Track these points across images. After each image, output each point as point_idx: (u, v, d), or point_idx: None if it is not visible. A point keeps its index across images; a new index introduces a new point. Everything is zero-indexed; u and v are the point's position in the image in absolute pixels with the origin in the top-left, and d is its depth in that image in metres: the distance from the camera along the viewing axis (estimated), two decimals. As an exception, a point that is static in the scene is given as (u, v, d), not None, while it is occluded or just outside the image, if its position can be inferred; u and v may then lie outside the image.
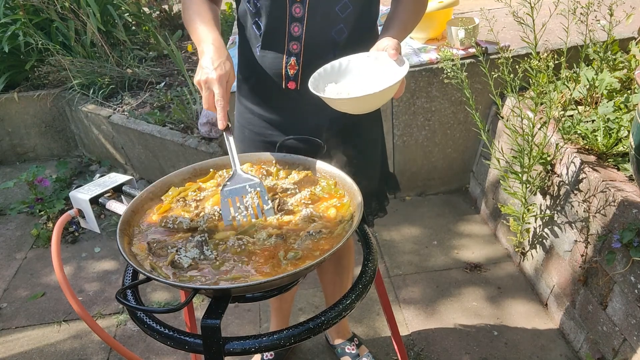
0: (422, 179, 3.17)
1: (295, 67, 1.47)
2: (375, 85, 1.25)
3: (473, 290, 2.51)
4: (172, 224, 1.23)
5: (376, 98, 1.22)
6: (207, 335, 1.03)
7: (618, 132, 2.14)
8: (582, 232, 2.08)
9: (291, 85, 1.50)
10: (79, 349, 2.39)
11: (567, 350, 2.16)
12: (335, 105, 1.28)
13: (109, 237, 3.07)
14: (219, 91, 1.25)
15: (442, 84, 2.83)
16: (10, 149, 4.03)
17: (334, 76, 1.35)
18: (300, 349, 2.28)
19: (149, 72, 3.79)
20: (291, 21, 1.41)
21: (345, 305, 1.12)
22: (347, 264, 2.00)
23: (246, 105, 1.63)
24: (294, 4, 1.39)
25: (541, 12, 1.97)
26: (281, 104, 1.55)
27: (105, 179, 1.46)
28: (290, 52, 1.45)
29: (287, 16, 1.41)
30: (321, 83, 1.33)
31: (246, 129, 1.65)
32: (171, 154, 3.19)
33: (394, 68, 1.29)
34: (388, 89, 1.20)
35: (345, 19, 1.42)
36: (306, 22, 1.41)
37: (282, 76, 1.49)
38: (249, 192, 1.24)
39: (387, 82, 1.23)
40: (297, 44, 1.44)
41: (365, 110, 1.30)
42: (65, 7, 3.55)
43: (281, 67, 1.48)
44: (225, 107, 1.26)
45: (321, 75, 1.34)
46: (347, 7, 1.41)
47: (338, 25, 1.43)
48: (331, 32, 1.44)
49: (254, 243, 1.17)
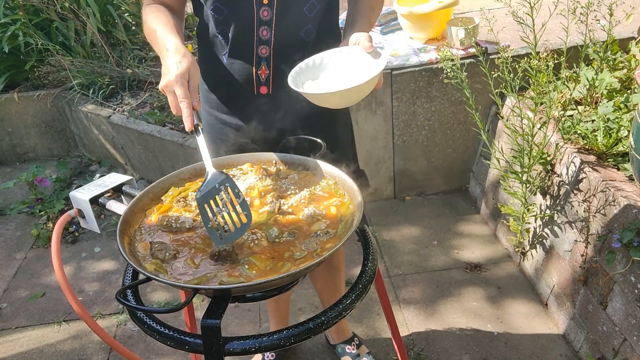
0: (422, 179, 3.17)
1: (266, 71, 1.46)
2: (354, 79, 1.25)
3: (473, 290, 2.51)
4: (174, 223, 1.23)
5: (359, 90, 1.22)
6: (207, 335, 1.03)
7: (618, 132, 2.14)
8: (582, 232, 2.08)
9: (263, 90, 1.48)
10: (79, 349, 2.39)
11: (567, 350, 2.16)
12: (317, 101, 1.28)
13: (109, 237, 3.07)
14: (180, 91, 1.17)
15: (442, 84, 2.83)
16: (10, 149, 4.03)
17: (312, 72, 1.35)
18: (301, 349, 2.28)
19: (149, 72, 3.78)
20: (259, 25, 1.40)
21: (345, 305, 1.12)
22: (337, 264, 1.99)
23: (216, 116, 1.59)
24: (261, 7, 1.37)
25: (541, 12, 1.97)
26: (252, 110, 1.53)
27: (105, 179, 1.46)
28: (259, 56, 1.44)
29: (255, 20, 1.39)
30: (299, 80, 1.33)
31: (218, 140, 1.62)
32: (171, 154, 3.19)
33: (371, 60, 1.30)
34: (370, 81, 1.21)
35: (312, 18, 1.42)
36: (275, 24, 1.40)
37: (254, 81, 1.47)
38: (221, 190, 1.16)
39: (367, 74, 1.23)
40: (266, 47, 1.43)
41: (348, 104, 1.31)
42: (65, 7, 3.55)
43: (252, 73, 1.46)
44: (189, 106, 1.17)
45: (298, 72, 1.33)
46: (314, 7, 1.41)
47: (307, 25, 1.43)
48: (300, 33, 1.44)
49: (266, 238, 1.17)
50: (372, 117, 2.91)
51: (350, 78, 1.29)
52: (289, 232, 1.19)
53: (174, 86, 1.18)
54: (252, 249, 1.14)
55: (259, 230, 1.19)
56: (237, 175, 1.40)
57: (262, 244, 1.16)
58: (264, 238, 1.17)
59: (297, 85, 1.29)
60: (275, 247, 1.16)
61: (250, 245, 1.15)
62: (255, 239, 1.16)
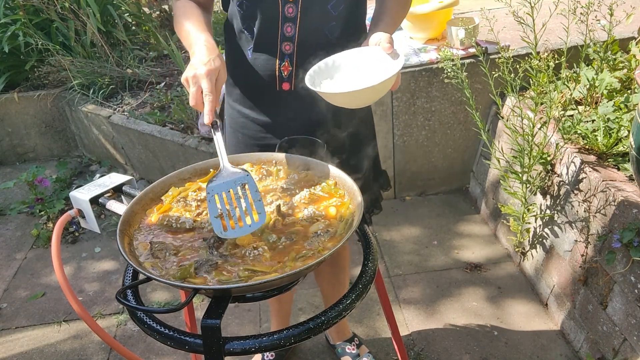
0: (422, 179, 3.17)
1: (289, 67, 1.46)
2: (371, 79, 1.25)
3: (473, 290, 2.51)
4: (175, 223, 1.23)
5: (373, 91, 1.22)
6: (207, 335, 1.03)
7: (618, 132, 2.14)
8: (582, 232, 2.08)
9: (285, 86, 1.49)
10: (79, 349, 2.39)
11: (567, 350, 2.16)
12: (333, 100, 1.28)
13: (109, 237, 3.07)
14: (207, 85, 1.19)
15: (442, 84, 2.83)
16: (10, 149, 4.03)
17: (330, 72, 1.35)
18: (301, 349, 2.28)
19: (149, 72, 3.79)
20: (284, 22, 1.41)
21: (345, 305, 1.12)
22: (344, 264, 2.00)
23: (239, 110, 1.61)
24: (286, 4, 1.38)
25: (541, 12, 1.97)
26: (275, 105, 1.54)
27: (105, 179, 1.46)
28: (283, 52, 1.45)
29: (280, 17, 1.40)
30: (317, 79, 1.33)
31: (239, 133, 1.63)
32: (171, 154, 3.19)
33: (389, 61, 1.30)
34: (385, 82, 1.21)
35: (337, 16, 1.43)
36: (299, 21, 1.41)
37: (276, 77, 1.48)
38: (237, 186, 1.16)
39: (383, 75, 1.23)
40: (289, 44, 1.44)
41: (363, 104, 1.31)
42: (65, 7, 3.55)
43: (274, 69, 1.47)
44: (213, 102, 1.19)
45: (316, 72, 1.34)
46: (339, 5, 1.41)
47: (330, 23, 1.43)
48: (324, 30, 1.44)
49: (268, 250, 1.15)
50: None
51: (366, 78, 1.29)
52: (286, 236, 1.18)
53: (202, 79, 1.19)
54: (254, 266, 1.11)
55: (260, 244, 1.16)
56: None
57: (266, 256, 1.13)
58: (266, 252, 1.14)
59: (314, 84, 1.30)
60: (279, 254, 1.15)
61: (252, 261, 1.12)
62: (258, 254, 1.13)
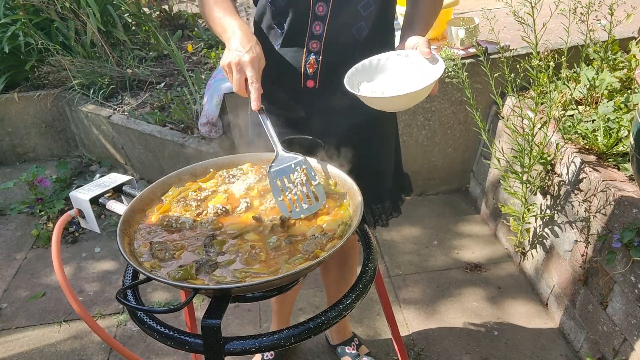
0: (422, 179, 3.17)
1: (314, 65, 1.47)
2: (411, 84, 1.25)
3: (473, 290, 2.51)
4: (175, 223, 1.23)
5: (414, 96, 1.23)
6: (208, 335, 1.03)
7: (618, 131, 2.14)
8: (582, 232, 2.08)
9: (310, 84, 1.50)
10: (79, 349, 2.39)
11: (567, 350, 2.16)
12: (371, 103, 1.28)
13: (109, 237, 3.07)
14: (252, 73, 1.24)
15: (442, 84, 2.83)
16: (10, 149, 4.03)
17: (368, 74, 1.36)
18: (301, 349, 2.28)
19: (149, 72, 3.79)
20: (313, 20, 1.41)
21: (345, 305, 1.12)
22: (353, 263, 2.00)
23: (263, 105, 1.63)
24: (317, 3, 1.39)
25: (542, 12, 1.97)
26: (298, 102, 1.55)
27: (106, 179, 1.46)
28: (309, 50, 1.45)
29: (310, 15, 1.41)
30: (355, 81, 1.34)
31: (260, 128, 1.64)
32: (171, 154, 3.19)
33: (427, 65, 1.29)
34: (426, 87, 1.21)
35: (366, 17, 1.43)
36: (328, 20, 1.41)
37: (301, 74, 1.49)
38: (296, 170, 1.26)
39: (424, 80, 1.23)
40: (317, 42, 1.44)
41: (401, 108, 1.32)
42: (65, 7, 3.55)
43: (300, 66, 1.47)
44: (259, 89, 1.25)
45: (354, 73, 1.34)
46: (369, 6, 1.41)
47: (359, 23, 1.43)
48: (352, 30, 1.44)
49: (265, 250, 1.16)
50: (372, 117, 2.91)
51: (406, 83, 1.29)
52: (285, 239, 1.18)
53: (247, 67, 1.24)
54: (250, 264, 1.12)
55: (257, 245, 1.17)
56: (237, 175, 1.40)
57: (261, 257, 1.14)
58: (263, 252, 1.15)
59: (352, 87, 1.30)
60: (274, 256, 1.15)
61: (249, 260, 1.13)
62: (255, 254, 1.14)
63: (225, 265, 1.11)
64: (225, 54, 1.27)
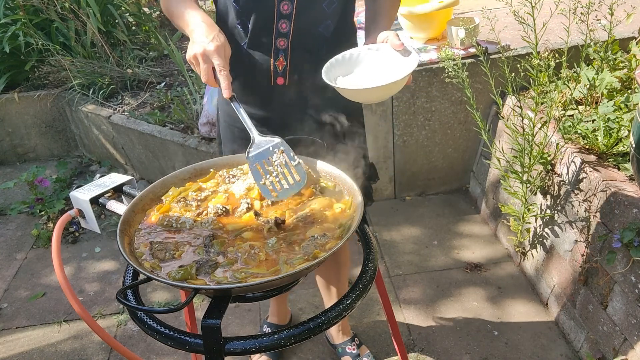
0: (422, 179, 3.17)
1: (283, 62, 1.48)
2: (388, 76, 1.28)
3: (473, 290, 2.51)
4: (175, 223, 1.23)
5: (391, 87, 1.26)
6: (208, 335, 1.03)
7: (618, 131, 2.14)
8: (582, 231, 2.08)
9: (280, 81, 1.51)
10: (79, 349, 2.39)
11: (567, 350, 2.16)
12: (349, 96, 1.31)
13: (109, 237, 3.07)
14: (219, 62, 1.23)
15: (442, 84, 2.83)
16: (10, 149, 4.03)
17: (344, 68, 1.38)
18: (301, 349, 2.28)
19: (149, 72, 3.79)
20: (279, 18, 1.42)
21: (345, 305, 1.12)
22: (344, 260, 2.02)
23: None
24: (282, 1, 1.40)
25: (542, 12, 1.97)
26: (269, 99, 1.56)
27: (106, 179, 1.46)
28: (277, 48, 1.46)
29: (275, 14, 1.42)
30: (331, 74, 1.36)
31: (235, 127, 1.65)
32: (171, 154, 3.19)
33: (401, 58, 1.33)
34: (402, 79, 1.24)
35: (331, 14, 1.45)
36: (294, 19, 1.42)
37: (271, 72, 1.50)
38: (274, 153, 1.26)
39: (400, 72, 1.27)
40: (284, 40, 1.45)
41: (378, 100, 1.35)
42: (65, 7, 3.55)
43: (269, 64, 1.49)
44: (228, 77, 1.24)
45: (329, 67, 1.36)
46: (332, 3, 1.44)
47: (326, 21, 1.46)
48: (318, 27, 1.46)
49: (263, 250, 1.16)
50: (372, 117, 2.91)
51: (382, 75, 1.32)
52: (285, 240, 1.18)
53: (212, 56, 1.23)
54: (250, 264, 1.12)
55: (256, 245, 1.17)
56: (237, 175, 1.40)
57: (260, 257, 1.14)
58: (262, 252, 1.15)
59: (330, 80, 1.32)
60: (274, 256, 1.15)
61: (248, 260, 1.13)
62: (254, 254, 1.14)
63: (225, 265, 1.12)
64: (190, 47, 1.27)
